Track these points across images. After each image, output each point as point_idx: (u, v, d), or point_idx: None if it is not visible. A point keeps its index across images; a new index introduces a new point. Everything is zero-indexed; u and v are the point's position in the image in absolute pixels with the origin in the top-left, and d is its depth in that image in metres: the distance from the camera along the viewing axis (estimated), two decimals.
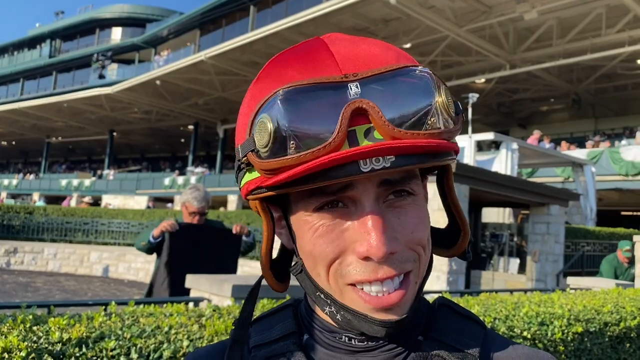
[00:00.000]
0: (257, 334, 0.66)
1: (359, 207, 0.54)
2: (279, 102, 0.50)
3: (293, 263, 0.63)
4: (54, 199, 33.38)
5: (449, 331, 0.61)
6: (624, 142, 20.00)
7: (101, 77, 19.17)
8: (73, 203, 29.74)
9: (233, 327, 0.65)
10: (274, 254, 0.65)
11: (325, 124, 0.49)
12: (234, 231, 3.90)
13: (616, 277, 7.47)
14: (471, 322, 0.63)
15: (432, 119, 0.51)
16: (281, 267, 0.66)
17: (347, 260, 0.54)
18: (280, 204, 0.61)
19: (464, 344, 0.60)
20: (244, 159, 0.55)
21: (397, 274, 0.54)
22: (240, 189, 0.59)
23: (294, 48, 0.58)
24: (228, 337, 0.67)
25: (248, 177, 0.56)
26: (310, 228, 0.56)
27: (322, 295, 0.58)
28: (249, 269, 12.65)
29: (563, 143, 20.51)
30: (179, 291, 3.57)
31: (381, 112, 0.49)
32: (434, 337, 0.60)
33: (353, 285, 0.55)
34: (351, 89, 0.50)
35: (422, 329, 0.62)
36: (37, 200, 32.87)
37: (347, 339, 0.60)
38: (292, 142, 0.49)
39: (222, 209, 22.74)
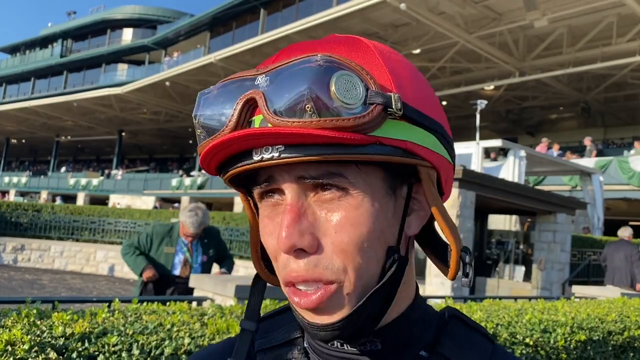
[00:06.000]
0: (261, 335, 0.65)
1: (286, 199, 0.53)
2: (198, 99, 0.56)
3: None
4: (64, 198, 33.62)
5: (458, 347, 0.58)
6: (632, 151, 19.87)
7: None
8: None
9: (243, 319, 0.63)
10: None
11: (228, 115, 0.52)
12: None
13: None
14: (480, 336, 0.61)
15: (308, 106, 0.47)
16: None
17: (282, 255, 0.53)
18: None
19: None
20: None
21: (313, 279, 0.51)
22: None
23: None
24: (229, 336, 0.66)
25: None
26: (260, 220, 0.57)
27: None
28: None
29: (568, 152, 20.38)
30: None
31: (265, 101, 0.49)
32: (441, 352, 0.57)
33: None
34: (258, 80, 0.51)
35: (429, 342, 0.59)
36: (46, 198, 33.11)
37: (339, 344, 0.57)
38: (200, 131, 0.54)
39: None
